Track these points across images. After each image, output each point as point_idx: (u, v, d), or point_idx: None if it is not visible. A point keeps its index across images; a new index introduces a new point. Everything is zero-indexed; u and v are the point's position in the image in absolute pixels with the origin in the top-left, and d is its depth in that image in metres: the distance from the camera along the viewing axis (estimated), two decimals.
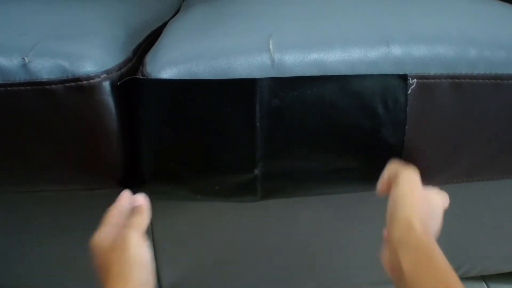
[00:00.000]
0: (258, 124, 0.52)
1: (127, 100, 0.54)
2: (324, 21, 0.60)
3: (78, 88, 0.51)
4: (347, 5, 0.66)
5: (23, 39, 0.55)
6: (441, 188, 0.65)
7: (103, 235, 0.47)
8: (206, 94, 0.51)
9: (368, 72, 0.52)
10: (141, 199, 0.52)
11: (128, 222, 0.48)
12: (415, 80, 0.53)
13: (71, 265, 0.74)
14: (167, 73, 0.51)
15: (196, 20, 0.67)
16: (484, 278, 0.86)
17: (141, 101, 0.52)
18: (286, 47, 0.53)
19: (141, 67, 0.55)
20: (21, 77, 0.51)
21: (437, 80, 0.53)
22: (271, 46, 0.52)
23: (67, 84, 0.51)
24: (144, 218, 0.49)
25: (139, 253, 0.44)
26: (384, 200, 0.69)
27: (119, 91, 0.53)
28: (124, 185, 0.58)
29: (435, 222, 0.50)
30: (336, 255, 0.75)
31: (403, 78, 0.52)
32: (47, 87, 0.51)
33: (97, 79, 0.52)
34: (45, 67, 0.51)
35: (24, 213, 0.69)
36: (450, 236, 0.74)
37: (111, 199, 0.65)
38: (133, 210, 0.50)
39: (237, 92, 0.51)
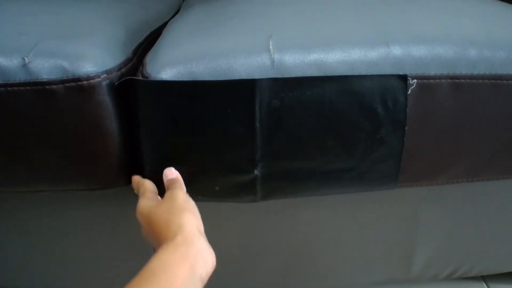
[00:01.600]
0: (258, 125, 0.52)
1: (126, 100, 0.54)
2: (324, 21, 0.60)
3: (78, 88, 0.51)
4: (347, 5, 0.66)
5: (23, 39, 0.55)
6: (441, 188, 0.65)
7: (147, 200, 0.49)
8: (205, 95, 0.51)
9: (368, 72, 0.52)
10: (173, 172, 0.54)
11: (171, 187, 0.51)
12: (415, 80, 0.53)
13: (71, 265, 0.74)
14: (167, 74, 0.51)
15: (196, 20, 0.67)
16: (484, 278, 0.86)
17: (139, 102, 0.52)
18: (286, 48, 0.52)
19: (141, 68, 0.55)
20: (21, 77, 0.51)
21: (437, 80, 0.53)
22: (271, 47, 0.52)
23: (67, 84, 0.51)
24: (183, 185, 0.52)
25: (188, 201, 0.47)
26: (383, 201, 0.69)
27: (119, 91, 0.53)
28: (123, 185, 0.58)
29: None
30: (336, 255, 0.75)
31: (403, 78, 0.52)
32: (47, 87, 0.51)
33: (97, 79, 0.52)
34: (45, 67, 0.51)
35: (24, 213, 0.69)
36: (450, 236, 0.74)
37: (111, 199, 0.65)
38: (170, 182, 0.52)
39: (237, 93, 0.51)
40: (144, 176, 0.56)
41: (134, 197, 0.61)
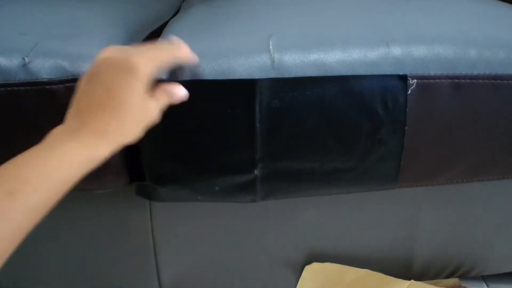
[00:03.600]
0: (258, 125, 0.52)
1: None
2: (324, 21, 0.60)
3: None
4: (347, 5, 0.66)
5: (23, 39, 0.55)
6: (441, 188, 0.65)
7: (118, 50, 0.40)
8: (205, 95, 0.51)
9: (368, 72, 0.52)
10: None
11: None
12: (415, 80, 0.53)
13: (71, 265, 0.74)
14: (167, 73, 0.51)
15: (196, 20, 0.67)
16: (484, 278, 0.86)
17: None
18: (286, 48, 0.52)
19: None
20: (21, 77, 0.51)
21: (437, 80, 0.53)
22: (271, 47, 0.52)
23: (67, 84, 0.51)
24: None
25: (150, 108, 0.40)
26: (383, 201, 0.69)
27: None
28: (124, 185, 0.58)
29: None
30: (336, 255, 0.75)
31: (403, 78, 0.52)
32: (47, 87, 0.51)
33: None
34: (45, 67, 0.51)
35: None
36: (450, 236, 0.74)
37: (111, 199, 0.65)
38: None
39: (237, 92, 0.51)
40: (144, 177, 0.56)
41: (134, 197, 0.61)
